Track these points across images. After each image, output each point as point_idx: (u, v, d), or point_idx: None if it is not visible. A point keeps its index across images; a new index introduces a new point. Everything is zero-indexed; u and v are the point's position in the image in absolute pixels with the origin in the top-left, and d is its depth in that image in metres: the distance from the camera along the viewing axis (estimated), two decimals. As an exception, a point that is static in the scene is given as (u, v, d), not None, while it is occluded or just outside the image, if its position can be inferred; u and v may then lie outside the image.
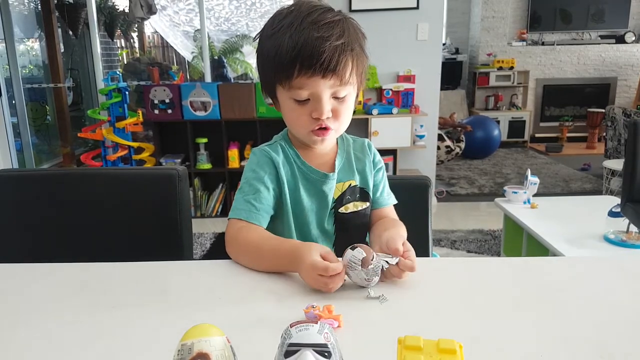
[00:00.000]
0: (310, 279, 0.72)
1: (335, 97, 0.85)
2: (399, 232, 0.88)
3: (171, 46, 6.15)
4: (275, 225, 0.93)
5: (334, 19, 0.82)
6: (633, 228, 2.04)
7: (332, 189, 0.94)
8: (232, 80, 5.86)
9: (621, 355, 0.56)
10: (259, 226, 0.88)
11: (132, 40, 6.44)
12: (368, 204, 0.97)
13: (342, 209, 0.95)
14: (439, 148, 4.34)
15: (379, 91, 3.65)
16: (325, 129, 0.87)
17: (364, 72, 0.88)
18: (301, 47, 0.79)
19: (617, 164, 3.59)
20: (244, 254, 0.83)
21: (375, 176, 0.99)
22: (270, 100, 0.93)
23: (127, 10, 4.29)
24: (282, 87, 0.85)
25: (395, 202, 1.01)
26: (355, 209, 0.96)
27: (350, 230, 0.95)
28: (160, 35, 6.26)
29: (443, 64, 3.83)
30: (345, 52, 0.81)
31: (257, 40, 0.88)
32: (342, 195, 0.95)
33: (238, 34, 6.21)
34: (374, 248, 0.75)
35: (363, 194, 0.97)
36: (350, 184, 0.96)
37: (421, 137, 3.60)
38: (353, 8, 3.44)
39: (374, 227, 0.96)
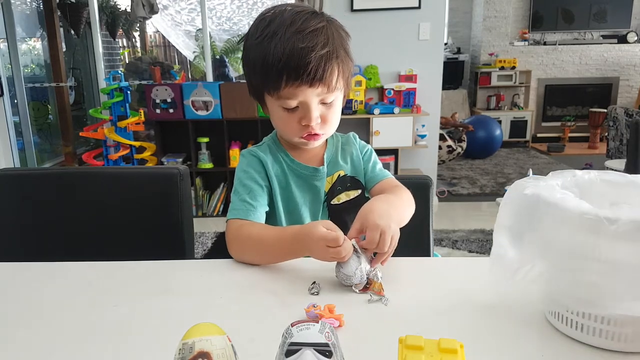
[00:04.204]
0: (321, 251, 0.73)
1: (323, 103, 0.86)
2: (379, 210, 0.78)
3: (173, 45, 6.15)
4: (270, 223, 0.93)
5: (318, 26, 0.82)
6: (635, 228, 2.03)
7: (324, 183, 0.95)
8: (234, 79, 5.86)
9: (621, 355, 0.56)
10: (258, 223, 0.88)
11: (133, 40, 6.43)
12: (360, 191, 0.98)
13: (334, 201, 0.96)
14: (440, 148, 4.33)
15: (381, 91, 3.65)
16: (315, 134, 0.88)
17: (349, 76, 0.90)
18: (287, 59, 0.79)
19: (619, 164, 3.58)
20: (248, 249, 0.84)
21: (364, 158, 1.00)
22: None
23: (129, 9, 4.28)
24: (270, 96, 0.86)
25: (391, 176, 0.99)
26: (348, 198, 0.96)
27: (346, 221, 0.94)
28: (162, 35, 6.25)
29: (445, 63, 3.83)
30: (331, 60, 0.82)
31: (243, 45, 0.88)
32: (332, 187, 0.96)
33: (240, 33, 6.21)
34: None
35: (354, 182, 0.98)
36: (339, 175, 0.97)
37: (423, 136, 3.60)
38: (355, 8, 3.44)
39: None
